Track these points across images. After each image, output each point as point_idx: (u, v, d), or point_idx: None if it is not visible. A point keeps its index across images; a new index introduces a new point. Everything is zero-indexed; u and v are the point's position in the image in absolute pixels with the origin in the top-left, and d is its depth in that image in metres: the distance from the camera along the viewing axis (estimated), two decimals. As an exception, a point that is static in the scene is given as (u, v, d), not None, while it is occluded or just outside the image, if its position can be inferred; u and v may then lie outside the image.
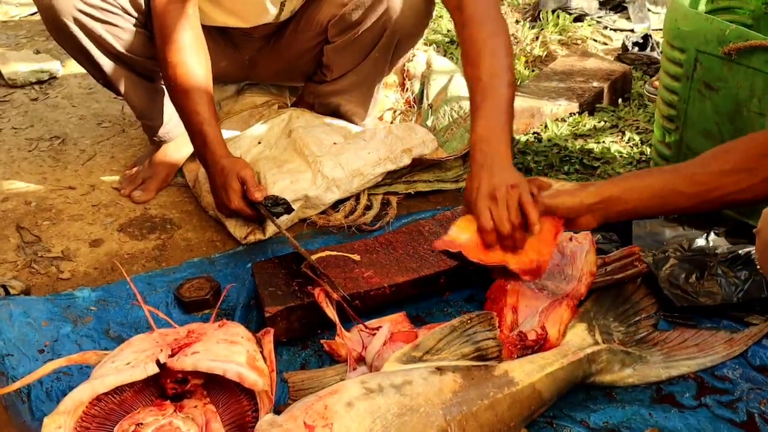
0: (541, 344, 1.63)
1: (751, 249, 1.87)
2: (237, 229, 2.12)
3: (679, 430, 1.53)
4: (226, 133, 2.31)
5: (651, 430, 1.48)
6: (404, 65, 2.76)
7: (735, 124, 1.97)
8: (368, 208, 2.29)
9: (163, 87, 2.27)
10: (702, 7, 2.25)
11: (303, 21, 2.31)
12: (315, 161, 2.23)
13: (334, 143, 2.33)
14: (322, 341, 1.71)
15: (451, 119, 2.61)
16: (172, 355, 1.40)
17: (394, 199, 2.34)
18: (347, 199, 2.28)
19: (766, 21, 2.24)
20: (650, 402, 1.61)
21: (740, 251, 1.90)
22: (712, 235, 1.97)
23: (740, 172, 1.54)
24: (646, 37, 3.34)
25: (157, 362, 1.38)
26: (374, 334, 1.63)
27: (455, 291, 1.92)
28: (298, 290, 1.79)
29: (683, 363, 1.69)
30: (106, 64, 2.21)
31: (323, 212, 2.25)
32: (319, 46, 2.33)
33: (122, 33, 2.16)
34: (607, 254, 1.95)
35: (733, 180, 1.55)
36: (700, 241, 1.96)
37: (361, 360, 1.62)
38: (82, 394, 1.35)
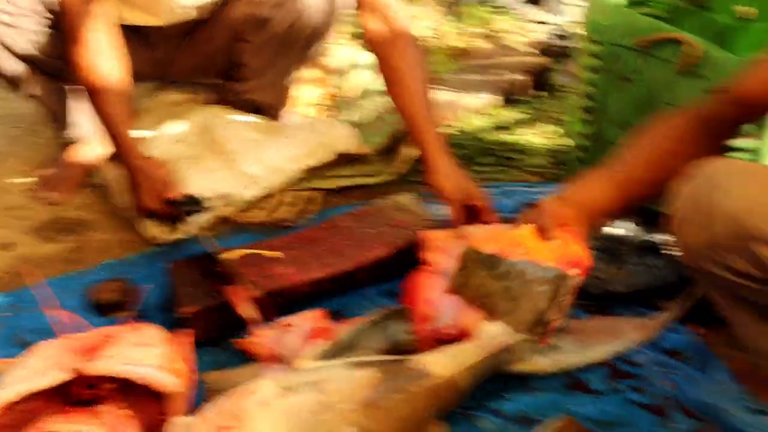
0: (458, 338, 1.63)
1: (662, 237, 1.91)
2: (152, 229, 2.08)
3: (591, 415, 1.56)
4: (143, 132, 2.28)
5: (563, 417, 1.49)
6: (324, 60, 2.74)
7: (648, 115, 2.00)
8: (289, 204, 2.27)
9: (74, 87, 2.23)
10: (621, 0, 2.28)
11: (218, 19, 2.28)
12: (234, 158, 2.21)
13: (253, 139, 2.31)
14: (236, 341, 1.69)
15: (372, 114, 2.61)
16: (84, 360, 1.38)
17: (316, 195, 2.33)
18: (268, 196, 2.26)
19: (681, 14, 2.28)
20: (564, 389, 1.63)
21: (652, 239, 1.93)
22: (623, 223, 2.00)
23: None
24: (565, 30, 3.38)
25: (69, 368, 1.35)
26: (292, 332, 1.62)
27: (374, 285, 1.92)
28: (214, 290, 1.77)
29: (597, 350, 1.71)
30: (12, 64, 2.16)
31: (244, 210, 2.23)
32: (235, 43, 2.30)
33: (29, 34, 2.12)
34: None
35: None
36: (614, 230, 1.99)
37: (279, 358, 1.61)
38: (-9, 403, 1.32)
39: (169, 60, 2.41)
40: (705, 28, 2.03)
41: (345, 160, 2.37)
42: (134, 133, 2.08)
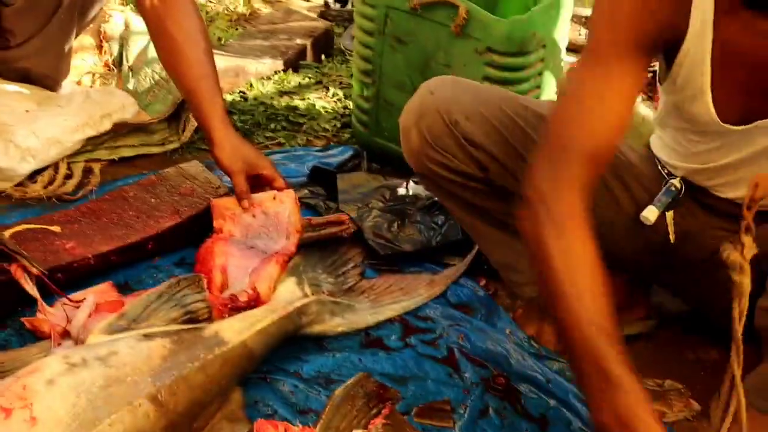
0: (253, 304, 1.64)
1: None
2: None
3: (387, 371, 1.60)
4: None
5: (360, 375, 1.53)
6: (100, 27, 2.64)
7: (425, 75, 2.06)
8: (69, 177, 2.19)
9: None
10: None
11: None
12: (6, 130, 2.10)
13: (27, 111, 2.20)
14: (23, 319, 1.62)
15: (152, 81, 2.54)
16: None
17: (96, 166, 2.25)
18: (45, 168, 2.16)
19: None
20: (359, 348, 1.67)
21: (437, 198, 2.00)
22: (411, 184, 2.06)
23: None
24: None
25: None
26: (80, 307, 1.57)
27: (164, 255, 1.89)
28: (-5, 268, 1.68)
29: (389, 307, 1.77)
30: None
31: (19, 184, 2.12)
32: (-1, 7, 2.18)
33: None
34: (315, 209, 2.01)
35: None
36: (401, 191, 2.05)
37: (66, 335, 1.56)
38: None
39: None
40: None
41: (126, 129, 2.30)
42: None
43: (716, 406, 1.33)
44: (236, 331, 1.51)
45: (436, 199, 2.01)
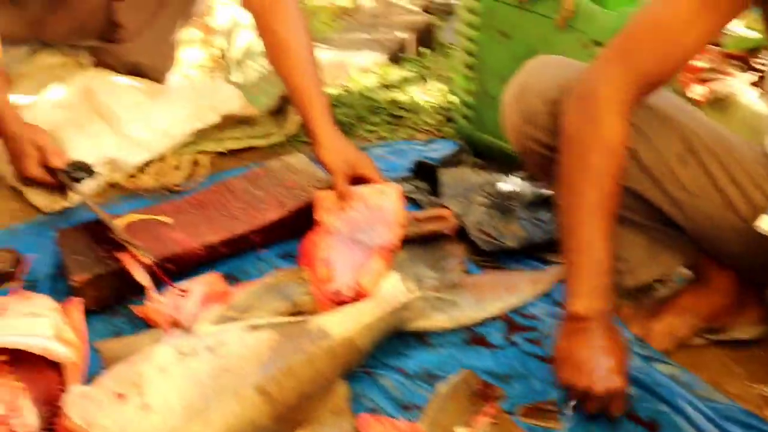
0: (358, 298, 1.64)
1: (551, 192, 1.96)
2: (38, 198, 2.02)
3: (490, 369, 1.59)
4: (21, 98, 2.19)
5: (464, 371, 1.52)
6: (206, 20, 2.69)
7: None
8: (177, 168, 2.23)
9: None
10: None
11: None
12: (119, 122, 2.16)
13: (138, 103, 2.25)
14: (133, 307, 1.66)
15: (258, 75, 2.57)
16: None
17: (204, 158, 2.30)
18: (156, 160, 2.22)
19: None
20: (463, 344, 1.66)
21: (542, 193, 1.98)
22: (514, 179, 2.04)
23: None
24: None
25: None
26: (188, 297, 1.60)
27: (269, 247, 1.91)
28: (106, 257, 1.73)
29: (493, 305, 1.75)
30: None
31: (132, 175, 2.18)
32: (109, 2, 2.23)
33: None
34: (418, 204, 2.01)
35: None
36: (505, 186, 2.03)
37: (176, 324, 1.59)
38: None
39: (42, 21, 2.31)
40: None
41: (232, 122, 2.34)
42: (11, 99, 2.00)
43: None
44: (342, 324, 1.52)
45: (540, 194, 1.99)
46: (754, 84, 2.04)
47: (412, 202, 2.08)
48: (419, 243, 1.88)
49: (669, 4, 1.40)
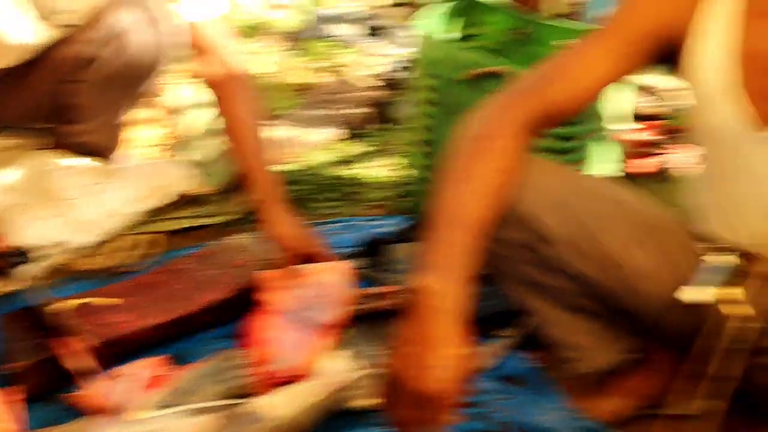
0: (299, 378, 1.62)
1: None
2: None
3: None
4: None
5: None
6: (162, 99, 2.71)
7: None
8: (131, 248, 2.22)
9: None
10: (456, 34, 2.34)
11: (42, 60, 2.21)
12: (69, 205, 2.15)
13: (91, 184, 2.25)
14: (71, 395, 1.63)
15: (214, 153, 2.58)
16: None
17: (158, 238, 2.29)
18: (106, 241, 2.21)
19: (509, 47, 2.37)
20: (408, 422, 1.64)
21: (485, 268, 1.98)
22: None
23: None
24: (409, 62, 3.44)
25: None
26: (126, 381, 1.58)
27: (217, 327, 1.89)
28: (48, 342, 1.71)
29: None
30: None
31: (81, 257, 2.17)
32: (62, 85, 2.24)
33: None
34: (371, 280, 2.01)
35: None
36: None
37: (110, 410, 1.57)
38: None
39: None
40: (530, 59, 2.10)
41: (185, 200, 2.34)
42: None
43: None
44: (282, 406, 1.50)
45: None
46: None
47: (365, 279, 2.07)
48: (369, 320, 1.87)
49: (576, 49, 1.47)
